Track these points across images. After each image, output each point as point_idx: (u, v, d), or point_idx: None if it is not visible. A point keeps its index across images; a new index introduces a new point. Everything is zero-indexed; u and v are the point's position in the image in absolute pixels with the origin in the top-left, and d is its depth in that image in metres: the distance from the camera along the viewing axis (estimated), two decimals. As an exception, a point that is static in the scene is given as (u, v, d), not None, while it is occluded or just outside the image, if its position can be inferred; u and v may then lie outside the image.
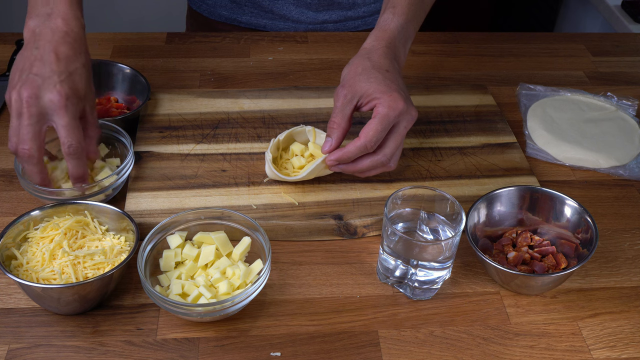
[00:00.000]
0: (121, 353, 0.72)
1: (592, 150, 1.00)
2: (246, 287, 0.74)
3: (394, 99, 0.82)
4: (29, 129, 0.79)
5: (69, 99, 0.80)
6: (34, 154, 0.79)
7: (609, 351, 0.75)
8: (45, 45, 0.82)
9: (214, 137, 0.98)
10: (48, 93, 0.79)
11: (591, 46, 1.29)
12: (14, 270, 0.75)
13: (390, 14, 0.91)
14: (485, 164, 0.97)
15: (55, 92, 0.79)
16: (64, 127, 0.79)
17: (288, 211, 0.87)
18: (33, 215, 0.79)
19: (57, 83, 0.79)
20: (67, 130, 0.79)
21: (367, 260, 0.84)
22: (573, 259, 0.80)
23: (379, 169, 0.87)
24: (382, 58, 0.87)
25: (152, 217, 0.84)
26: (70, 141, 0.80)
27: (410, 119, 0.84)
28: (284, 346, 0.73)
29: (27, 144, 0.79)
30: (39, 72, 0.80)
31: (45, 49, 0.81)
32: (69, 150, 0.80)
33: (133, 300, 0.77)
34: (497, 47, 1.27)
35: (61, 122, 0.79)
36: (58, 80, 0.80)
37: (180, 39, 1.23)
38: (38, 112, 0.79)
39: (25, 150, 0.79)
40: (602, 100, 1.10)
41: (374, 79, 0.84)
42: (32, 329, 0.74)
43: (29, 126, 0.79)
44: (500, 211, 0.85)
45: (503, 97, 1.13)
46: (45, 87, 0.79)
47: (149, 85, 1.02)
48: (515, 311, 0.78)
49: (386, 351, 0.73)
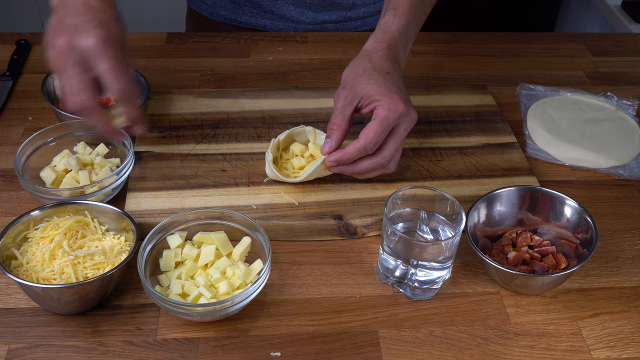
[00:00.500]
0: (121, 353, 0.72)
1: (592, 150, 1.00)
2: (246, 287, 0.74)
3: (394, 101, 0.82)
4: (75, 80, 0.75)
5: (107, 42, 0.75)
6: (89, 104, 0.76)
7: (609, 351, 0.75)
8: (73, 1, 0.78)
9: (214, 137, 0.98)
10: (84, 38, 0.74)
11: (591, 46, 1.29)
12: (14, 270, 0.75)
13: (391, 15, 0.91)
14: (485, 164, 0.97)
15: (92, 36, 0.74)
16: (109, 72, 0.75)
17: (288, 211, 0.87)
18: (33, 215, 0.79)
19: (91, 28, 0.75)
20: (114, 74, 0.75)
21: (367, 260, 0.84)
22: (573, 259, 0.80)
23: (379, 171, 0.87)
24: (383, 60, 0.87)
25: (152, 217, 0.84)
26: (117, 85, 0.76)
27: (410, 121, 0.85)
28: (284, 346, 0.73)
29: (81, 94, 0.75)
30: (70, 22, 0.75)
31: (74, 3, 0.77)
32: (122, 95, 0.76)
33: (133, 300, 0.77)
34: (497, 47, 1.27)
35: (104, 67, 0.75)
36: (91, 26, 0.75)
37: (180, 39, 1.23)
38: (78, 60, 0.75)
39: (78, 103, 0.75)
40: (602, 100, 1.10)
41: (374, 81, 0.84)
42: (32, 329, 0.74)
43: (74, 77, 0.75)
44: (500, 211, 0.85)
45: (503, 97, 1.13)
46: (79, 34, 0.75)
47: (149, 85, 1.02)
48: (515, 311, 0.78)
49: (386, 351, 0.73)
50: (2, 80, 1.09)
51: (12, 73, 1.10)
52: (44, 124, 0.96)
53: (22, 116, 1.03)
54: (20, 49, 1.16)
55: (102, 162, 0.90)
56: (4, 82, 1.09)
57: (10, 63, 1.12)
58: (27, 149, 0.88)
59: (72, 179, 0.86)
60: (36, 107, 1.05)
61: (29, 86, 1.09)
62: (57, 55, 0.75)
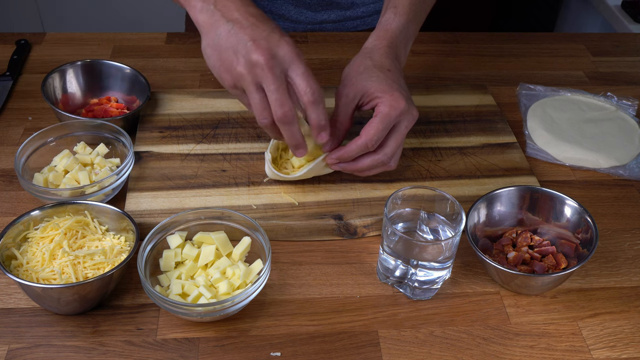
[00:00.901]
0: (121, 353, 0.72)
1: (592, 150, 1.00)
2: (246, 287, 0.74)
3: (396, 99, 0.82)
4: (281, 91, 0.75)
5: (297, 46, 0.77)
6: (294, 113, 0.77)
7: (609, 351, 0.75)
8: (234, 13, 0.77)
9: (214, 137, 0.98)
10: (280, 48, 0.75)
11: (591, 46, 1.29)
12: (14, 270, 0.75)
13: (391, 13, 0.91)
14: (485, 164, 0.97)
15: (285, 43, 0.76)
16: (303, 75, 0.76)
17: (288, 211, 0.87)
18: (33, 215, 0.79)
19: (280, 36, 0.76)
20: (306, 77, 0.77)
21: (367, 260, 0.84)
22: (573, 259, 0.80)
23: (379, 168, 0.87)
24: (384, 57, 0.87)
25: (152, 217, 0.84)
26: (312, 88, 0.77)
27: (411, 118, 0.85)
28: (284, 346, 0.73)
29: (286, 105, 0.76)
30: (256, 35, 0.76)
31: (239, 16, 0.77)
32: (313, 98, 0.77)
33: (133, 300, 0.77)
34: (497, 47, 1.27)
35: (299, 71, 0.76)
36: (279, 33, 0.76)
37: (180, 39, 1.23)
38: (280, 71, 0.75)
39: (287, 113, 0.76)
40: (602, 100, 1.10)
41: (375, 78, 0.84)
42: (32, 329, 0.74)
43: (279, 89, 0.75)
44: (500, 211, 0.85)
45: (503, 97, 1.13)
46: (273, 44, 0.75)
47: (149, 85, 1.02)
48: (515, 311, 0.78)
49: (386, 351, 0.73)
50: (2, 80, 1.09)
51: (12, 73, 1.10)
52: (44, 124, 0.96)
53: (22, 116, 1.03)
54: (20, 49, 1.16)
55: (102, 162, 0.90)
56: (4, 82, 1.09)
57: (10, 63, 1.12)
58: (27, 149, 0.88)
59: (72, 179, 0.86)
60: (36, 107, 1.05)
61: (29, 86, 1.09)
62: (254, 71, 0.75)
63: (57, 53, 1.17)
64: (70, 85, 1.02)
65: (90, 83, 1.04)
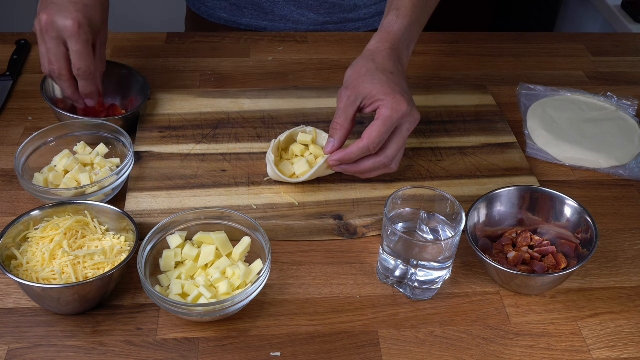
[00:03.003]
0: (121, 353, 0.72)
1: (592, 150, 1.00)
2: (246, 287, 0.74)
3: (398, 101, 0.82)
4: (52, 51, 0.89)
5: (82, 27, 0.88)
6: (63, 72, 0.90)
7: (609, 351, 0.75)
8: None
9: (214, 137, 0.98)
10: (63, 19, 0.87)
11: (591, 46, 1.29)
12: (14, 270, 0.75)
13: (394, 16, 0.91)
14: (485, 164, 0.97)
15: (70, 18, 0.87)
16: (76, 52, 0.89)
17: (288, 211, 0.87)
18: (33, 215, 0.79)
19: (73, 11, 0.87)
20: (79, 55, 0.89)
21: (367, 260, 0.84)
22: (573, 259, 0.80)
23: (381, 171, 0.87)
24: (386, 60, 0.87)
25: (152, 217, 0.84)
26: (80, 65, 0.89)
27: (413, 121, 0.85)
28: (284, 346, 0.73)
29: (53, 64, 0.90)
30: (57, 1, 0.88)
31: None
32: (79, 73, 0.90)
33: (133, 300, 0.77)
34: (497, 47, 1.27)
35: (74, 47, 0.89)
36: (74, 9, 0.88)
37: (180, 39, 1.23)
38: (56, 36, 0.88)
39: (54, 69, 0.90)
40: (602, 100, 1.10)
41: (377, 81, 0.84)
42: (32, 329, 0.74)
43: (51, 49, 0.89)
44: (500, 211, 0.85)
45: (503, 97, 1.13)
46: (60, 14, 0.87)
47: (148, 85, 1.02)
48: (515, 311, 0.78)
49: (386, 351, 0.73)
50: (2, 80, 1.09)
51: (12, 73, 1.10)
52: (44, 124, 0.96)
53: (22, 116, 1.03)
54: (20, 49, 1.16)
55: (102, 162, 0.90)
56: (4, 82, 1.09)
57: (10, 63, 1.12)
58: (27, 149, 0.88)
59: (72, 179, 0.86)
60: (36, 107, 1.05)
61: (29, 86, 1.09)
62: (39, 28, 0.89)
63: (57, 53, 1.17)
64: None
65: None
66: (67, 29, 0.87)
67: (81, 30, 0.88)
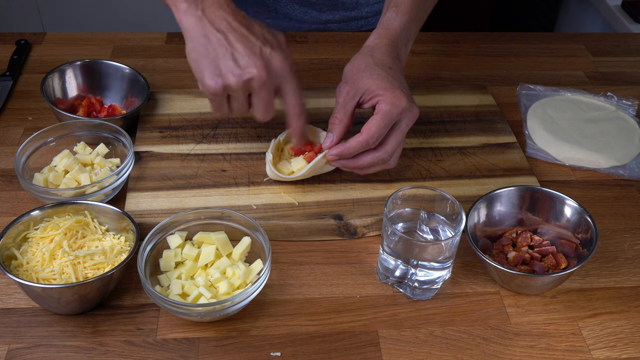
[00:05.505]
0: (121, 353, 0.72)
1: (592, 150, 1.00)
2: (246, 287, 0.74)
3: (397, 96, 0.82)
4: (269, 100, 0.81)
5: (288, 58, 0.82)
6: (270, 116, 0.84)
7: (609, 351, 0.75)
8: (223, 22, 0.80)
9: (214, 137, 0.98)
10: (274, 62, 0.80)
11: (591, 46, 1.29)
12: (14, 270, 0.75)
13: (393, 12, 0.91)
14: (485, 164, 0.97)
15: (277, 57, 0.80)
16: (294, 91, 0.83)
17: (288, 211, 0.87)
18: (33, 215, 0.79)
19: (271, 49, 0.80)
20: (296, 93, 0.83)
21: (367, 260, 0.84)
22: (573, 259, 0.80)
23: (379, 166, 0.86)
24: (385, 55, 0.87)
25: (152, 217, 0.84)
26: (299, 104, 0.83)
27: (412, 116, 0.85)
28: (284, 346, 0.73)
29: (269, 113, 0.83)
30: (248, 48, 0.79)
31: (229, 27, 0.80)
32: (299, 111, 0.84)
33: (133, 300, 0.77)
34: (497, 47, 1.27)
35: (290, 87, 0.82)
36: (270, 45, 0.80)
37: (180, 39, 1.22)
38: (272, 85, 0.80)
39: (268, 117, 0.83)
40: (602, 100, 1.10)
41: (377, 76, 0.84)
42: (32, 329, 0.74)
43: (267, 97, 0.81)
44: (500, 211, 0.85)
45: (503, 97, 1.13)
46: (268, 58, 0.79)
47: (148, 85, 1.02)
48: (515, 311, 0.78)
49: (386, 351, 0.73)
50: (2, 80, 1.09)
51: (12, 73, 1.10)
52: (44, 124, 0.96)
53: (22, 116, 1.03)
54: (20, 49, 1.16)
55: (102, 162, 0.90)
56: (4, 82, 1.09)
57: (10, 63, 1.12)
58: (27, 149, 0.88)
59: (72, 179, 0.86)
60: (36, 107, 1.05)
61: (29, 86, 1.09)
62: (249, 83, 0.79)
63: (57, 53, 1.17)
64: (69, 85, 1.02)
65: (90, 83, 1.03)
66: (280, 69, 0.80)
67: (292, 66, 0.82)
